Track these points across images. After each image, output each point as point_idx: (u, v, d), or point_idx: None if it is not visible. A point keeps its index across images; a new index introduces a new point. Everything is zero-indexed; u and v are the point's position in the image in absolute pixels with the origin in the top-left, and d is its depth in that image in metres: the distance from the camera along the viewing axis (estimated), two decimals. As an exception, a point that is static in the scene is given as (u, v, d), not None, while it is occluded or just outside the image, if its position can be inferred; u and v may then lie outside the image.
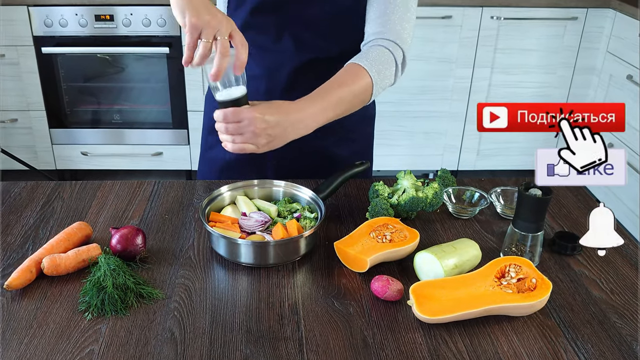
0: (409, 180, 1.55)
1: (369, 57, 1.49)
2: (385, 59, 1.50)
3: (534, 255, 1.37)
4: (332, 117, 1.43)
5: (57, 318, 1.19)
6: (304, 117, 1.38)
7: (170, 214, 1.55)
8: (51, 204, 1.58)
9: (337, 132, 1.70)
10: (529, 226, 1.35)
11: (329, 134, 1.64)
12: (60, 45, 3.55)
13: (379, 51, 1.51)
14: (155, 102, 3.79)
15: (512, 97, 3.82)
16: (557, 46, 3.73)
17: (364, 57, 1.49)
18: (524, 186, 1.33)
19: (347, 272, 1.35)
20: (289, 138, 1.37)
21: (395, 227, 1.41)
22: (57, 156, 3.86)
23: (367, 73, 1.47)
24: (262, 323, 1.19)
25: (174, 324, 1.19)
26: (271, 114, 1.32)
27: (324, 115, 1.41)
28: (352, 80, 1.45)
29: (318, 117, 1.40)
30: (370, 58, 1.49)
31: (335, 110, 1.43)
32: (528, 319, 1.22)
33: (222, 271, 1.35)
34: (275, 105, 1.36)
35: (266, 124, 1.31)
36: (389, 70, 1.51)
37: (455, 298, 1.21)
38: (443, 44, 3.68)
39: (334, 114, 1.43)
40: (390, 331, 1.18)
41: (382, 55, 1.50)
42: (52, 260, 1.29)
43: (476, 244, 1.36)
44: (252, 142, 1.33)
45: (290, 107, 1.37)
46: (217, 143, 1.76)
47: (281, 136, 1.35)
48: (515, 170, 4.03)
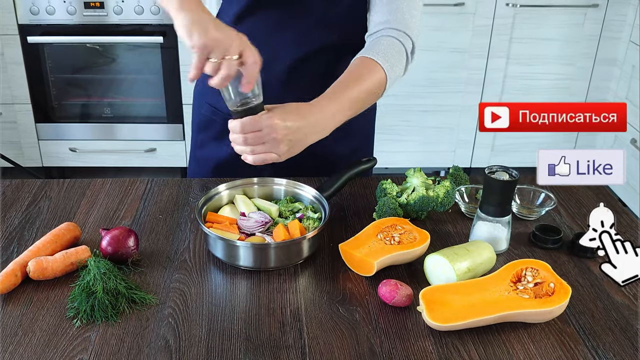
0: (419, 178, 1.55)
1: (380, 50, 1.49)
2: (396, 51, 1.50)
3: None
4: (349, 115, 1.44)
5: (43, 325, 1.19)
6: (322, 119, 1.37)
7: (165, 214, 1.56)
8: (37, 204, 1.58)
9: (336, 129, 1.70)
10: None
11: None
12: (47, 35, 3.56)
13: (388, 42, 1.51)
14: (148, 95, 3.79)
15: (529, 89, 3.82)
16: (577, 35, 3.72)
17: (375, 50, 1.49)
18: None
19: (353, 276, 1.35)
20: (309, 142, 1.38)
21: (404, 228, 1.41)
22: (43, 152, 3.87)
23: (380, 67, 1.47)
24: (262, 330, 1.19)
25: (169, 331, 1.19)
26: (292, 120, 1.32)
27: (342, 114, 1.41)
28: (366, 76, 1.45)
29: (336, 117, 1.40)
30: (381, 51, 1.48)
31: (352, 109, 1.43)
32: (546, 326, 1.22)
33: (220, 275, 1.35)
34: (293, 108, 1.35)
35: (287, 130, 1.31)
36: (401, 62, 1.52)
37: (468, 304, 1.21)
38: (455, 33, 3.68)
39: (350, 113, 1.44)
40: (398, 339, 1.18)
41: (392, 47, 1.50)
42: (38, 264, 1.29)
43: (490, 246, 1.36)
44: (274, 151, 1.32)
45: (308, 109, 1.36)
46: (208, 141, 1.76)
47: (302, 140, 1.35)
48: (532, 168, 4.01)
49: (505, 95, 3.82)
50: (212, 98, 1.71)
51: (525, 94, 3.82)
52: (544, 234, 1.47)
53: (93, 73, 3.77)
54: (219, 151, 1.74)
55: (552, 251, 1.45)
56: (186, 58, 3.62)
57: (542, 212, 1.57)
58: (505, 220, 1.41)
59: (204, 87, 1.31)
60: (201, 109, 1.76)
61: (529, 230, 1.51)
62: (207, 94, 1.73)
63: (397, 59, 1.50)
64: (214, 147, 1.75)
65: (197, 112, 1.81)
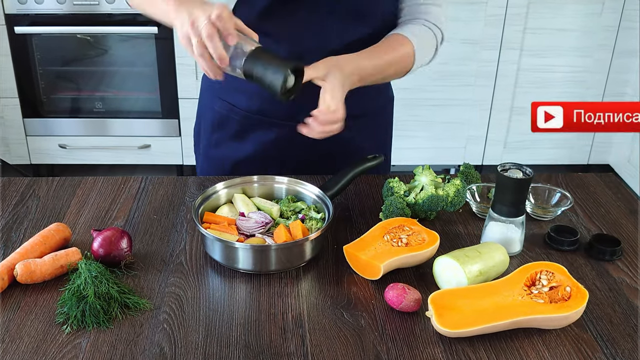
0: (428, 176, 1.54)
1: (413, 31, 1.59)
2: (428, 36, 1.61)
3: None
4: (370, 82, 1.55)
5: (31, 331, 1.20)
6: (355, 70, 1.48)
7: (159, 214, 1.56)
8: (25, 203, 1.58)
9: (359, 120, 1.72)
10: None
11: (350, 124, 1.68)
12: (35, 25, 3.56)
13: (421, 28, 1.60)
14: (142, 89, 3.80)
15: (543, 82, 3.81)
16: (594, 26, 3.72)
17: (408, 29, 1.59)
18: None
19: (358, 280, 1.35)
20: None
21: (412, 229, 1.41)
22: (31, 149, 3.87)
23: (410, 43, 1.57)
24: (263, 337, 1.19)
25: (164, 338, 1.19)
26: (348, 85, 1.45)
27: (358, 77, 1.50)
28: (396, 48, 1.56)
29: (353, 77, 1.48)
30: (414, 32, 1.58)
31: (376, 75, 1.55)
32: (562, 333, 1.22)
33: (218, 278, 1.35)
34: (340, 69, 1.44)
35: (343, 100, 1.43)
36: (430, 48, 1.62)
37: (479, 309, 1.21)
38: (466, 23, 3.68)
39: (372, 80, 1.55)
40: (406, 346, 1.18)
41: (424, 32, 1.60)
42: (26, 267, 1.29)
43: (503, 248, 1.36)
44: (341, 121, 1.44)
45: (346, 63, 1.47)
46: (225, 140, 1.76)
47: None
48: (547, 166, 4.03)
49: (518, 88, 3.81)
50: (226, 94, 1.72)
51: (539, 87, 3.82)
52: (559, 235, 1.47)
53: (84, 65, 3.77)
54: (236, 151, 1.74)
55: (568, 253, 1.45)
56: (182, 49, 3.60)
57: (557, 212, 1.57)
58: (518, 220, 1.41)
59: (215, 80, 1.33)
60: (214, 105, 1.76)
61: (543, 231, 1.51)
62: (219, 88, 1.73)
63: (428, 43, 1.61)
64: (232, 146, 1.75)
65: (208, 109, 1.80)
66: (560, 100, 3.76)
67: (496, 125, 3.93)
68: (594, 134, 3.93)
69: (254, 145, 1.72)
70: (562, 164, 4.04)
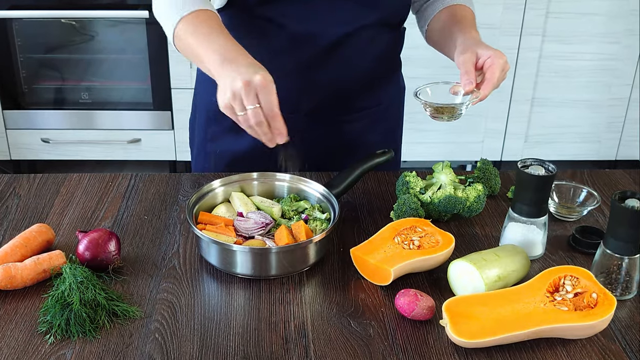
0: (448, 175, 1.54)
1: None
2: None
3: (631, 284, 1.34)
4: None
5: (11, 341, 1.20)
6: None
7: (151, 215, 1.56)
8: (4, 202, 1.59)
9: (368, 112, 1.73)
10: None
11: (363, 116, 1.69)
12: (15, 9, 3.56)
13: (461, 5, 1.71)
14: (132, 78, 3.80)
15: (568, 70, 3.81)
16: (621, 9, 3.71)
17: None
18: (619, 196, 1.29)
19: (366, 286, 1.35)
20: None
21: (425, 231, 1.41)
22: (12, 144, 3.88)
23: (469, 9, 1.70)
24: (263, 347, 1.19)
25: (155, 348, 1.19)
26: None
27: None
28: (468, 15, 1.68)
29: None
30: None
31: None
32: (587, 343, 1.22)
33: (214, 284, 1.35)
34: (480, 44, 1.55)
35: None
36: None
37: (498, 317, 1.21)
38: (483, 7, 3.66)
39: None
40: (418, 357, 1.18)
41: None
42: (6, 271, 1.29)
43: (524, 251, 1.36)
44: None
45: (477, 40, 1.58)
46: (222, 134, 1.76)
47: None
48: (570, 161, 4.02)
49: (540, 77, 3.81)
50: None
51: (563, 76, 3.81)
52: (585, 237, 1.47)
53: (68, 53, 3.77)
54: (235, 144, 1.74)
55: (594, 257, 1.45)
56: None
57: (583, 212, 1.56)
58: (541, 221, 1.41)
59: None
60: (211, 97, 1.76)
61: (568, 233, 1.51)
62: None
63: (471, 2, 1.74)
64: (230, 140, 1.75)
65: (204, 100, 1.80)
66: (586, 89, 3.77)
67: (516, 117, 3.92)
68: (622, 126, 3.92)
69: (253, 140, 1.72)
70: (588, 159, 4.04)
